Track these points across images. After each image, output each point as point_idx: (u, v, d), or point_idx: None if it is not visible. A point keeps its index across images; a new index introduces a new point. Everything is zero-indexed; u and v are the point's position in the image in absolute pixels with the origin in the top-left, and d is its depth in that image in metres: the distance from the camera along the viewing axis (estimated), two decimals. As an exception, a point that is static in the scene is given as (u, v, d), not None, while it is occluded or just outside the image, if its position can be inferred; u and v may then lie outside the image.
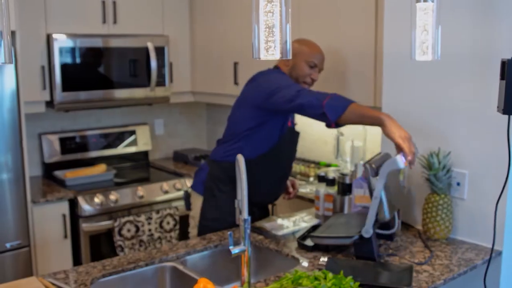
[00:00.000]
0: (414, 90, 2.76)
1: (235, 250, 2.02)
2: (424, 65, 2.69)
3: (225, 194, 2.94)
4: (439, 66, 2.63)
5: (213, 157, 3.04)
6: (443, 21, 2.32)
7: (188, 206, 3.12)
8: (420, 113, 2.74)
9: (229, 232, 2.01)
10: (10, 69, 3.41)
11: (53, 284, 2.15)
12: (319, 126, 4.11)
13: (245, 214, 2.03)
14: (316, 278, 1.98)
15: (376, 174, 2.30)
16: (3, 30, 1.18)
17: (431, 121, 2.70)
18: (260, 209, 3.08)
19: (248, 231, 2.05)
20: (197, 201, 3.05)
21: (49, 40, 3.91)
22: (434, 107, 2.68)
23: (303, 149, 4.32)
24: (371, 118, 2.50)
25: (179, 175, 4.37)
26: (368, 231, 2.30)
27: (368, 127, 3.10)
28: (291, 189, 3.17)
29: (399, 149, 2.35)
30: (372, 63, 3.22)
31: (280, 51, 1.67)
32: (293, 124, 2.98)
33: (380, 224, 2.45)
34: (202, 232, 2.96)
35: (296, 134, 3.02)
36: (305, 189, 3.68)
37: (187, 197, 3.13)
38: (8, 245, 3.49)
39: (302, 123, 4.30)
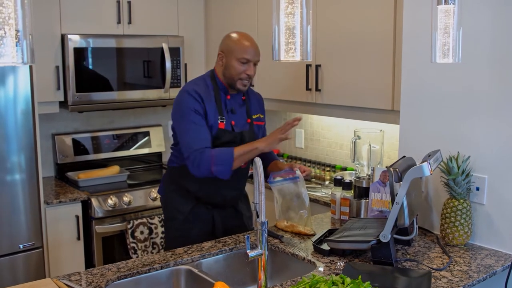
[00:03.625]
0: (433, 93, 2.72)
1: (252, 253, 2.00)
2: (444, 67, 2.66)
3: (173, 194, 3.02)
4: (459, 69, 2.60)
5: (167, 162, 3.16)
6: (463, 22, 2.29)
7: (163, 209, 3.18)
8: (439, 117, 2.70)
9: (246, 236, 1.99)
10: (24, 70, 3.41)
11: (68, 286, 2.13)
12: (334, 129, 4.11)
13: (263, 217, 2.01)
14: (333, 283, 1.95)
15: (399, 179, 2.27)
16: (25, 30, 1.17)
17: (450, 125, 2.66)
18: (236, 216, 3.08)
19: (265, 234, 2.02)
20: None
21: (63, 40, 3.91)
22: (453, 111, 2.64)
23: (318, 152, 4.30)
24: (252, 152, 2.75)
25: (192, 177, 4.35)
26: (386, 236, 2.27)
27: (386, 130, 3.07)
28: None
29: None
30: (390, 66, 3.19)
31: (300, 53, 1.66)
32: (230, 126, 2.89)
33: (398, 229, 2.41)
34: (165, 231, 3.10)
35: (236, 134, 2.89)
36: (321, 193, 3.66)
37: (162, 201, 3.18)
38: (21, 246, 3.48)
39: (317, 125, 4.29)
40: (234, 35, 2.89)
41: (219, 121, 2.83)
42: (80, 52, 3.93)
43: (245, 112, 2.98)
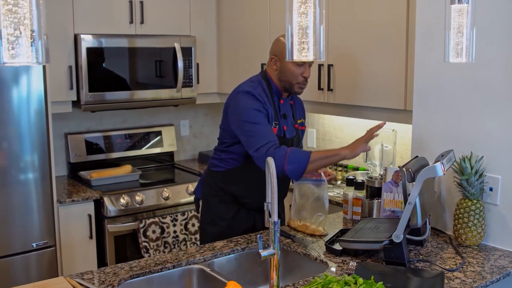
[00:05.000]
0: (446, 93, 2.71)
1: (264, 253, 2.00)
2: (457, 67, 2.65)
3: (215, 199, 2.99)
4: (472, 68, 2.58)
5: (208, 165, 3.11)
6: (477, 21, 2.27)
7: (197, 209, 3.18)
8: (452, 117, 2.69)
9: (258, 235, 1.99)
10: (38, 69, 3.43)
11: (81, 285, 2.14)
12: (346, 129, 4.10)
13: (275, 217, 2.01)
14: (346, 283, 1.95)
15: (412, 179, 2.26)
16: (40, 30, 1.17)
17: (463, 125, 2.65)
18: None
19: (278, 234, 2.02)
20: None
21: (76, 40, 3.92)
22: (467, 111, 2.63)
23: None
24: (333, 158, 2.66)
25: (204, 177, 4.36)
26: (399, 236, 2.26)
27: (398, 130, 3.06)
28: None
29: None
30: (403, 65, 3.18)
31: (313, 52, 1.65)
32: (282, 131, 2.89)
33: (411, 229, 2.41)
34: (201, 234, 3.08)
35: (287, 140, 2.89)
36: (333, 193, 3.65)
37: (196, 201, 3.18)
38: (34, 245, 3.51)
39: (329, 125, 4.28)
40: (284, 35, 2.86)
41: (273, 126, 2.81)
42: (93, 52, 3.94)
43: (292, 117, 2.99)
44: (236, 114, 2.80)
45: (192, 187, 4.14)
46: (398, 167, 2.54)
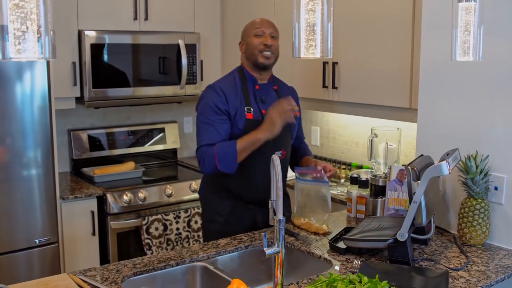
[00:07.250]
0: (451, 91, 2.70)
1: (269, 251, 1.99)
2: (463, 65, 2.64)
3: (213, 196, 3.00)
4: (478, 67, 2.57)
5: None
6: (483, 19, 2.26)
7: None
8: (457, 115, 2.68)
9: (263, 233, 1.98)
10: (42, 65, 3.42)
11: (84, 282, 2.14)
12: (350, 127, 4.09)
13: (280, 215, 2.00)
14: (351, 282, 1.94)
15: (417, 177, 2.25)
16: (47, 25, 1.17)
17: (469, 124, 2.64)
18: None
19: (283, 232, 2.01)
20: None
21: (80, 36, 3.92)
22: (472, 109, 2.62)
23: (334, 150, 4.29)
24: (256, 144, 2.71)
25: (207, 174, 4.34)
26: (403, 234, 2.25)
27: (403, 129, 3.05)
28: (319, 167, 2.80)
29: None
30: (408, 63, 3.17)
31: (320, 50, 1.64)
32: (261, 115, 2.85)
33: (415, 228, 2.40)
34: (203, 233, 3.09)
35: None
36: (337, 191, 3.64)
37: (200, 199, 3.17)
38: (36, 241, 3.50)
39: (334, 124, 4.27)
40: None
41: (246, 112, 2.82)
42: (96, 48, 3.94)
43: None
44: (196, 109, 2.95)
45: (195, 184, 4.13)
46: (403, 165, 2.53)
